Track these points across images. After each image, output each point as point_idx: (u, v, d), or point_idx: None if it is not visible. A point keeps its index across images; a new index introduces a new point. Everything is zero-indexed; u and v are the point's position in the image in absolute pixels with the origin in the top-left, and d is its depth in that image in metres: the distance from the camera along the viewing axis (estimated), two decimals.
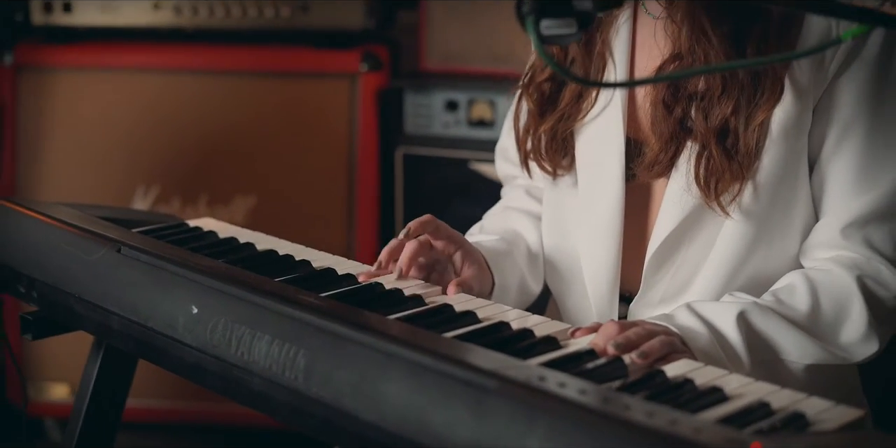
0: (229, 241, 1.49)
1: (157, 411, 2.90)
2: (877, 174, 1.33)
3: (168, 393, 2.88)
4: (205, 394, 2.79)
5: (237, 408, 2.87)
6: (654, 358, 1.15)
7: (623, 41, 1.41)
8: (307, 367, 1.12)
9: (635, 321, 1.22)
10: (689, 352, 1.21)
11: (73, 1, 2.83)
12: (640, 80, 1.36)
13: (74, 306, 1.40)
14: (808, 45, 1.30)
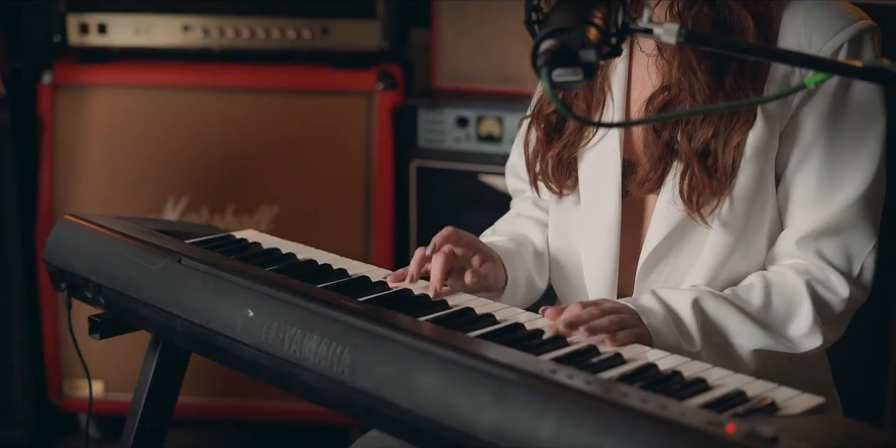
0: (273, 252, 1.67)
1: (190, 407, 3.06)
2: (831, 193, 1.51)
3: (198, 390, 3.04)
4: (230, 391, 3.00)
5: (260, 404, 3.04)
6: (601, 333, 1.34)
7: (620, 77, 1.59)
8: (352, 362, 1.30)
9: (596, 301, 1.42)
10: (643, 327, 1.40)
11: (108, 23, 2.96)
12: (635, 120, 1.54)
13: (140, 310, 1.58)
14: (777, 77, 1.49)
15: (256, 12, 2.95)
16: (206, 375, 2.88)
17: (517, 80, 2.91)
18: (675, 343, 1.39)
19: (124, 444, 1.79)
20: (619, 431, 1.09)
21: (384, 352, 1.28)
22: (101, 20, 2.95)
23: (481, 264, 1.59)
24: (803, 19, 1.50)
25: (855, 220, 1.54)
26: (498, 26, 2.94)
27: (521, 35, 2.78)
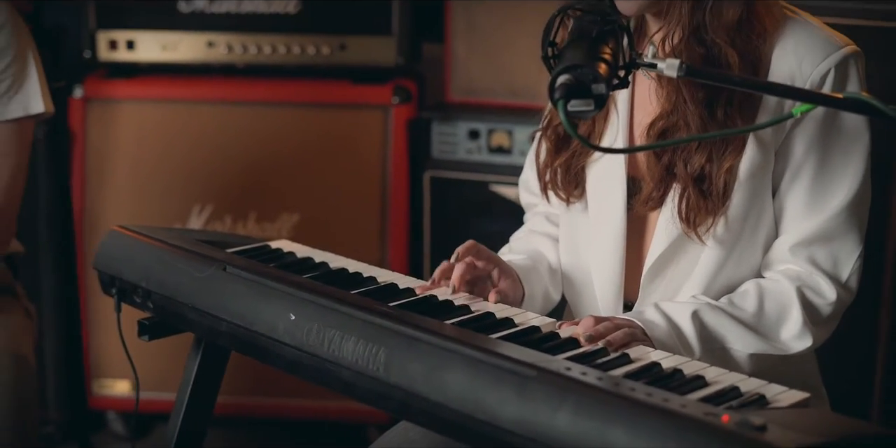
0: (307, 261, 1.82)
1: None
2: (821, 205, 1.65)
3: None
4: (251, 389, 3.13)
5: (279, 402, 3.15)
6: (617, 345, 1.48)
7: (624, 99, 1.73)
8: (386, 361, 1.45)
9: (607, 317, 1.56)
10: (648, 340, 1.54)
11: (136, 39, 3.08)
12: (636, 147, 1.68)
13: (187, 314, 1.72)
14: (770, 105, 1.62)
15: (278, 29, 3.06)
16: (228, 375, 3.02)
17: (526, 94, 3.02)
18: (676, 353, 1.53)
19: (168, 439, 1.91)
20: (627, 421, 1.23)
21: (416, 351, 1.43)
22: (129, 37, 3.07)
23: (500, 279, 1.73)
24: (794, 47, 1.64)
25: (843, 229, 1.67)
26: (508, 43, 3.04)
27: (529, 51, 2.93)
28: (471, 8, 3.03)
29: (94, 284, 3.00)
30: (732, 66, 1.61)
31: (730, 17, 1.61)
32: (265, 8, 3.05)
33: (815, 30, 1.65)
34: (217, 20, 3.07)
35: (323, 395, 3.14)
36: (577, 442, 1.25)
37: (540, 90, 2.95)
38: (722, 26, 1.61)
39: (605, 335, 1.48)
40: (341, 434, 3.28)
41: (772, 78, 1.62)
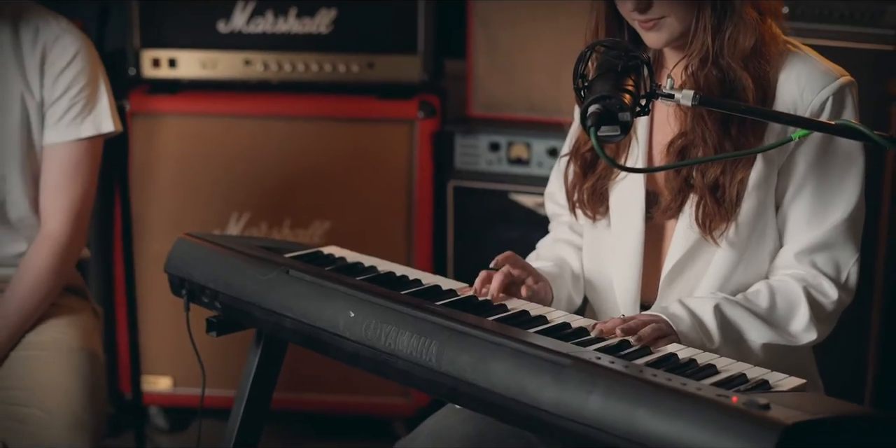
0: (357, 265, 2.02)
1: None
2: (822, 217, 1.86)
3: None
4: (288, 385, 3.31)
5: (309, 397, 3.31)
6: (647, 340, 1.68)
7: (644, 123, 1.94)
8: (438, 352, 1.65)
9: (633, 316, 1.76)
10: (675, 334, 1.74)
11: (178, 58, 3.24)
12: (661, 167, 1.87)
13: (253, 312, 1.93)
14: (776, 126, 1.83)
15: (310, 48, 3.22)
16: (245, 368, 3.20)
17: (543, 109, 3.17)
18: (699, 343, 1.73)
19: (231, 427, 2.11)
20: (651, 402, 1.44)
21: (464, 344, 1.63)
22: (171, 55, 3.24)
23: (535, 283, 1.93)
24: (796, 78, 1.85)
25: (841, 238, 1.88)
26: (526, 61, 3.20)
27: (547, 68, 3.14)
28: (491, 29, 3.18)
29: (141, 287, 3.21)
30: (747, 89, 1.81)
31: (745, 45, 1.82)
32: (299, 28, 3.22)
33: (815, 62, 1.86)
34: (253, 40, 3.23)
35: (349, 390, 3.31)
36: (608, 420, 1.46)
37: (556, 105, 3.19)
38: (738, 53, 1.82)
39: (636, 331, 1.68)
40: (368, 427, 3.45)
41: (777, 104, 1.83)
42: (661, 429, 1.42)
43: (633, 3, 1.81)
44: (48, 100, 2.26)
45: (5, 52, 2.25)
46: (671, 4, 1.81)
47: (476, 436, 1.94)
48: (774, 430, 1.34)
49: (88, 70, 2.28)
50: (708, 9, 1.81)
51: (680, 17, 1.82)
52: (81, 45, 2.28)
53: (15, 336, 2.22)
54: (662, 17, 1.82)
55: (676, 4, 1.81)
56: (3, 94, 2.25)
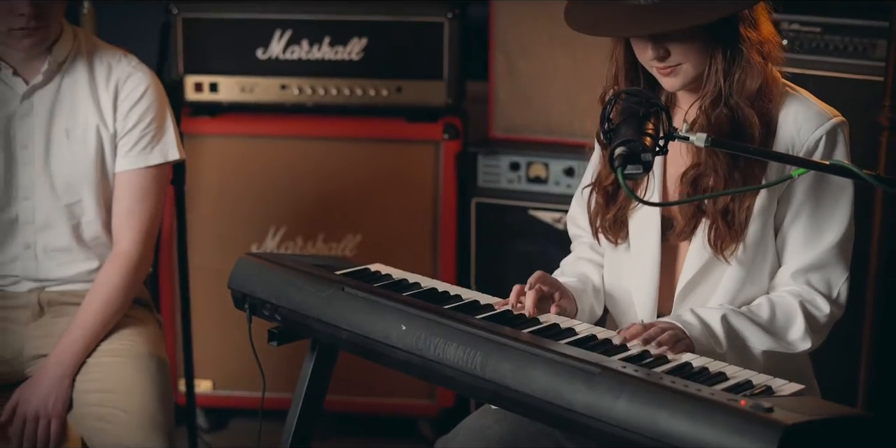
0: (402, 281, 2.24)
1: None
2: (816, 240, 2.08)
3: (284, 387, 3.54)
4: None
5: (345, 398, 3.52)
6: (667, 346, 1.91)
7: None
8: (482, 361, 1.87)
9: (652, 322, 1.98)
10: (688, 339, 1.97)
11: (219, 82, 3.45)
12: (678, 201, 2.10)
13: (312, 324, 2.15)
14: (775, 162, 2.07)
15: (342, 74, 3.44)
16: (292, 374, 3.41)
17: (560, 131, 3.38)
18: (708, 347, 1.97)
19: (288, 427, 2.32)
20: (670, 405, 1.67)
21: (505, 354, 1.86)
22: (212, 80, 3.46)
23: (560, 299, 2.16)
24: (794, 117, 2.08)
25: (833, 259, 2.11)
26: (543, 87, 3.40)
27: (563, 94, 3.38)
28: (512, 57, 3.40)
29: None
30: (753, 125, 2.04)
31: (751, 87, 2.04)
32: (332, 55, 3.44)
33: (810, 104, 2.09)
34: (289, 66, 3.45)
35: (378, 392, 3.53)
36: (633, 421, 1.69)
37: (571, 128, 3.42)
38: (745, 94, 2.04)
39: (655, 338, 1.92)
40: (394, 427, 3.67)
41: (777, 140, 2.06)
42: (679, 428, 1.65)
43: (653, 53, 2.04)
44: (121, 131, 2.49)
45: (81, 88, 2.48)
46: (687, 53, 2.03)
47: (510, 435, 2.17)
48: (777, 429, 1.57)
49: (157, 104, 2.51)
50: (720, 55, 2.04)
51: (694, 63, 2.05)
52: (150, 82, 2.51)
53: (91, 344, 2.45)
54: (679, 64, 2.05)
55: (692, 53, 2.03)
56: (80, 126, 2.48)
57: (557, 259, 3.19)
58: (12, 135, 2.47)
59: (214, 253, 3.45)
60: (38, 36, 2.38)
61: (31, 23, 2.34)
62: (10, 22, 2.34)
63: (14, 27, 2.35)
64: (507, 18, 3.39)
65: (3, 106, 2.46)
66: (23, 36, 2.37)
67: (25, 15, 2.33)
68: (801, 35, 2.99)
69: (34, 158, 2.47)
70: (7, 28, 2.36)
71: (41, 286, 2.54)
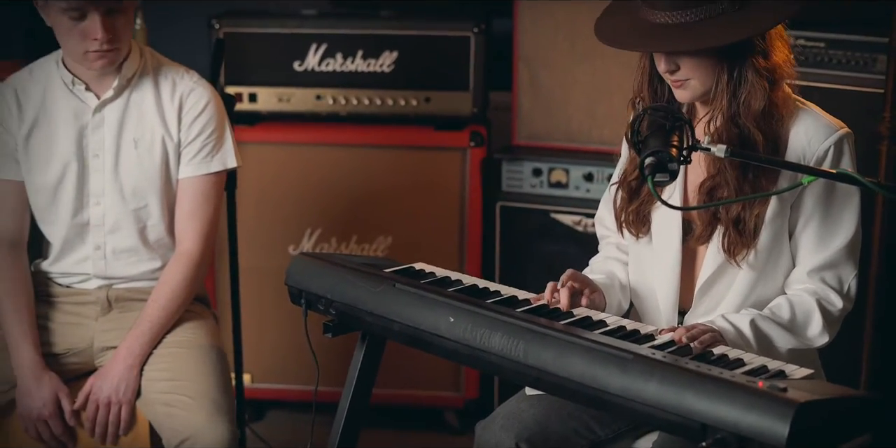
0: (446, 279, 2.44)
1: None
2: (826, 242, 2.29)
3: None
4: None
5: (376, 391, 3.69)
6: (706, 345, 2.13)
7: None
8: (525, 349, 2.08)
9: (694, 324, 2.21)
10: (724, 341, 2.19)
11: (258, 93, 3.64)
12: (695, 206, 2.30)
13: (365, 317, 2.35)
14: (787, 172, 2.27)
15: (374, 85, 3.62)
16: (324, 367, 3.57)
17: (579, 139, 3.57)
18: (740, 348, 2.14)
19: (340, 412, 2.52)
20: (695, 386, 1.88)
21: (546, 342, 2.07)
22: (252, 91, 3.65)
23: (591, 293, 2.38)
24: (804, 130, 2.28)
25: (843, 259, 2.32)
26: (564, 97, 3.58)
27: (583, 104, 3.59)
28: (534, 69, 3.58)
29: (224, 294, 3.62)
30: (758, 143, 2.25)
31: (756, 108, 2.25)
32: (364, 68, 3.63)
33: (819, 117, 2.30)
34: (325, 77, 3.64)
35: (406, 384, 3.71)
36: (663, 401, 1.90)
37: (590, 136, 3.62)
38: (751, 114, 2.25)
39: (698, 337, 2.12)
40: (422, 417, 3.85)
41: (789, 151, 2.27)
42: (704, 407, 1.86)
43: (665, 66, 2.25)
44: (184, 141, 2.70)
45: (148, 101, 2.70)
46: (695, 70, 2.25)
47: (543, 417, 2.38)
48: (791, 406, 1.79)
49: (217, 117, 2.73)
50: (725, 76, 2.24)
51: (702, 80, 2.26)
52: (211, 96, 2.73)
53: (158, 336, 2.66)
54: (688, 79, 2.26)
55: (700, 70, 2.24)
56: (147, 136, 2.69)
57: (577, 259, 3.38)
58: (85, 145, 2.69)
59: (254, 253, 3.64)
60: (111, 57, 2.59)
61: (104, 46, 2.55)
62: (85, 45, 2.55)
63: (89, 50, 2.56)
64: (530, 33, 3.57)
65: (77, 118, 2.68)
66: (97, 58, 2.58)
67: (99, 39, 2.54)
68: (807, 50, 3.18)
69: (104, 166, 2.69)
70: (83, 50, 2.57)
71: (109, 284, 2.75)
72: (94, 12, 2.51)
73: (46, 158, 2.68)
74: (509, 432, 2.35)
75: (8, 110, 2.68)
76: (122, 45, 2.60)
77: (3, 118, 2.68)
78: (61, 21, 2.54)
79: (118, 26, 2.56)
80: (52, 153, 2.68)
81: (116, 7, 2.54)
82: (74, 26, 2.53)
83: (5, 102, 2.69)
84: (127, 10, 2.58)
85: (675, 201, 2.37)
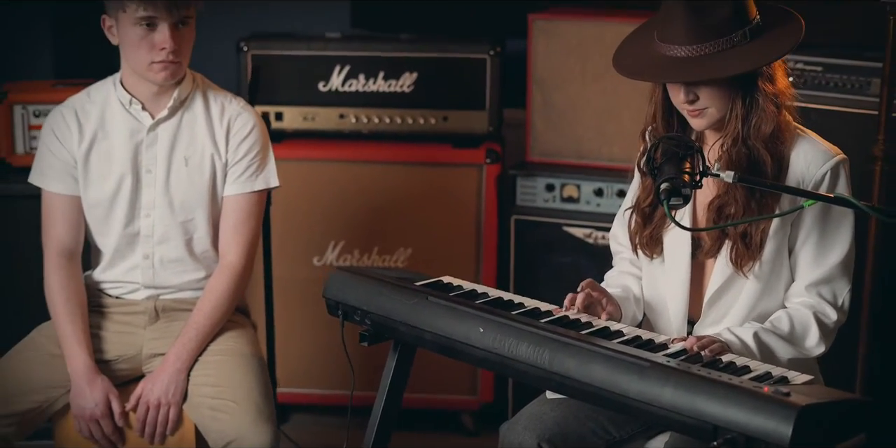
0: (472, 291, 2.63)
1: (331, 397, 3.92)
2: (822, 259, 2.47)
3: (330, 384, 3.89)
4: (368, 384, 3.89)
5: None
6: (716, 353, 2.32)
7: None
8: (550, 357, 2.27)
9: (704, 335, 2.40)
10: (730, 351, 2.38)
11: (284, 112, 3.80)
12: (706, 227, 2.47)
13: (399, 328, 2.53)
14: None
15: (395, 105, 3.79)
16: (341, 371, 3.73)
17: (590, 156, 3.75)
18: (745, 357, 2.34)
19: (374, 416, 2.69)
20: (707, 391, 2.07)
21: (569, 351, 2.26)
22: (278, 110, 3.81)
23: (607, 304, 2.55)
24: (804, 155, 2.47)
25: (838, 274, 2.50)
26: (575, 117, 3.76)
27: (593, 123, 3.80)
28: (547, 90, 3.76)
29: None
30: (766, 164, 2.44)
31: (766, 131, 2.44)
32: (385, 88, 3.80)
33: (817, 144, 2.49)
34: (348, 97, 3.80)
35: (423, 389, 3.84)
36: (678, 404, 2.10)
37: (600, 154, 3.81)
38: (760, 137, 2.44)
39: (708, 346, 2.31)
40: (439, 420, 4.01)
41: (789, 175, 2.46)
42: (715, 410, 2.06)
43: (685, 97, 2.44)
44: (231, 161, 2.90)
45: (199, 122, 2.90)
46: (713, 99, 2.44)
47: (563, 419, 2.55)
48: (794, 409, 1.98)
49: (262, 140, 2.93)
50: (739, 103, 2.44)
51: (719, 108, 2.46)
52: (257, 121, 2.93)
53: (204, 343, 2.86)
54: (706, 108, 2.46)
55: (717, 99, 2.44)
56: (198, 155, 2.89)
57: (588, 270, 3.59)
58: (139, 161, 2.88)
59: (280, 264, 3.80)
60: (173, 69, 2.79)
61: (170, 56, 2.75)
62: (152, 55, 2.75)
63: (155, 60, 2.76)
64: (543, 56, 3.75)
65: (133, 136, 2.88)
66: (161, 68, 2.78)
67: (167, 49, 2.73)
68: (805, 73, 3.37)
69: (156, 181, 2.88)
70: (149, 61, 2.76)
71: (157, 294, 2.95)
72: (164, 23, 2.71)
73: (104, 174, 2.88)
74: (532, 433, 2.52)
75: (68, 130, 2.88)
76: (184, 58, 2.80)
77: (63, 138, 2.87)
78: (133, 32, 2.74)
79: (184, 38, 2.76)
80: (109, 169, 2.88)
81: (185, 17, 2.73)
82: (144, 37, 2.73)
83: (65, 123, 2.89)
84: (191, 24, 2.78)
85: (686, 219, 2.56)
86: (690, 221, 2.56)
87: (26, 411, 2.77)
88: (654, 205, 2.58)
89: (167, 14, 2.71)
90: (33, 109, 3.61)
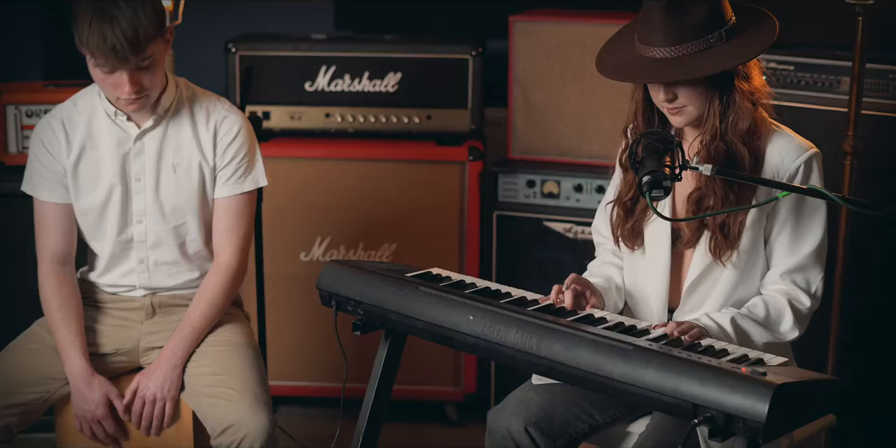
0: (461, 282, 2.74)
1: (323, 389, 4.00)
2: (797, 248, 2.59)
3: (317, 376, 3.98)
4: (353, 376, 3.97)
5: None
6: (695, 338, 2.43)
7: None
8: (538, 342, 2.37)
9: (683, 321, 2.51)
10: (709, 336, 2.49)
11: (271, 111, 3.87)
12: (686, 217, 2.57)
13: (391, 317, 2.62)
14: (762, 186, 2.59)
15: (380, 104, 3.86)
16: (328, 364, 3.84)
17: (569, 153, 3.84)
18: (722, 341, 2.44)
19: (366, 404, 2.78)
20: (688, 372, 2.18)
21: (556, 336, 2.36)
22: (265, 109, 3.88)
23: (591, 296, 2.66)
24: (778, 149, 2.58)
25: (811, 262, 2.61)
26: (555, 115, 3.84)
27: (573, 121, 3.92)
28: (528, 89, 3.86)
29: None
30: (743, 158, 2.55)
31: (742, 127, 2.55)
32: (370, 88, 3.88)
33: (791, 138, 2.61)
34: (333, 97, 3.87)
35: (409, 380, 3.84)
36: (660, 385, 2.20)
37: (580, 151, 3.91)
38: (737, 133, 2.55)
39: (687, 331, 2.42)
40: (423, 410, 4.09)
41: (765, 168, 2.57)
42: (695, 389, 2.17)
43: (664, 96, 2.55)
44: (219, 165, 2.97)
45: (185, 129, 2.95)
46: (691, 97, 2.55)
47: (549, 403, 2.66)
48: (770, 387, 2.09)
49: (248, 141, 3.00)
50: (717, 101, 2.55)
51: (697, 106, 2.56)
52: (242, 123, 3.01)
53: (198, 339, 2.93)
54: (684, 106, 2.57)
55: (695, 97, 2.55)
56: (185, 161, 2.94)
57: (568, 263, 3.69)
58: (128, 170, 2.94)
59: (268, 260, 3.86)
60: (141, 103, 2.83)
61: (132, 95, 2.78)
62: (117, 93, 2.79)
63: (121, 97, 2.80)
64: (523, 56, 3.84)
65: (120, 146, 2.93)
66: (127, 103, 2.82)
67: (127, 92, 2.77)
68: (778, 72, 3.47)
69: (146, 189, 2.94)
70: (115, 97, 2.82)
71: (153, 292, 3.03)
72: (122, 71, 2.74)
73: (94, 182, 2.93)
74: (518, 417, 2.63)
75: (57, 141, 2.92)
76: (151, 92, 2.83)
77: (52, 148, 2.92)
78: (95, 73, 2.78)
79: (145, 80, 2.78)
80: (98, 178, 2.93)
81: (142, 61, 2.74)
82: (106, 78, 2.77)
83: (53, 133, 2.93)
84: (153, 65, 2.78)
85: (666, 211, 2.67)
86: (670, 213, 2.67)
87: (28, 402, 2.85)
88: (635, 198, 2.69)
89: (122, 65, 2.72)
90: (26, 110, 3.69)
